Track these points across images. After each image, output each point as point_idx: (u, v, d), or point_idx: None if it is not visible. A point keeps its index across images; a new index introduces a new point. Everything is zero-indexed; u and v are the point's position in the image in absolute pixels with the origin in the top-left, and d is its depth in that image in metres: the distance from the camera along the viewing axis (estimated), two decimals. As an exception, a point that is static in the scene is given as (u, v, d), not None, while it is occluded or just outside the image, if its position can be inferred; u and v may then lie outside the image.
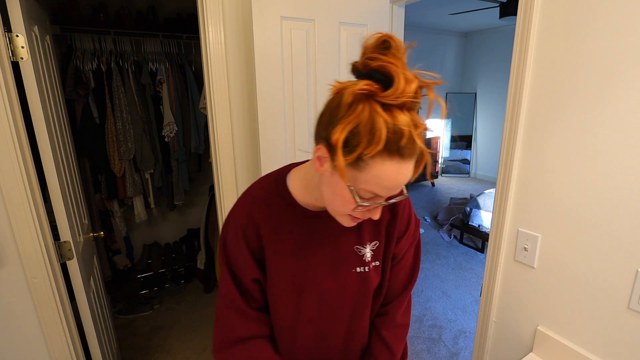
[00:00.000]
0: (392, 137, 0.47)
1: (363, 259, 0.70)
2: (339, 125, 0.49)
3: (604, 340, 0.87)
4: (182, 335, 2.28)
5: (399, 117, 0.47)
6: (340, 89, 0.52)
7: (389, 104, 0.47)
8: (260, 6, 1.17)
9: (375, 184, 0.51)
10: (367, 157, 0.48)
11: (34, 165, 1.07)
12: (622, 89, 0.76)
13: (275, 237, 0.66)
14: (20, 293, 1.09)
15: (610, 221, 0.82)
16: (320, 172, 0.57)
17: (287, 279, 0.68)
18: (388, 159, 0.48)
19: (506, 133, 1.00)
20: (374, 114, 0.47)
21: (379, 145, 0.47)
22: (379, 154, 0.48)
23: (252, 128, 1.40)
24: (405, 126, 0.47)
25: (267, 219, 0.66)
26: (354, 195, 0.53)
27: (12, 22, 1.00)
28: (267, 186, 0.70)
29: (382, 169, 0.49)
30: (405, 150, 0.48)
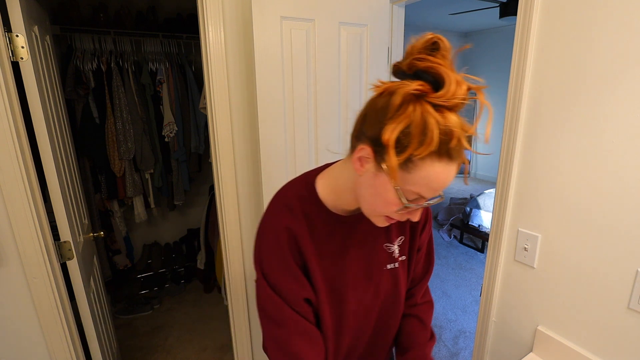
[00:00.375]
0: (443, 138, 0.47)
1: (392, 256, 0.72)
2: (389, 125, 0.48)
3: (604, 340, 0.87)
4: (182, 335, 2.28)
5: (450, 118, 0.47)
6: (388, 89, 0.51)
7: (441, 105, 0.47)
8: (260, 6, 1.17)
9: (423, 185, 0.50)
10: (417, 158, 0.48)
11: (34, 165, 1.07)
12: (622, 88, 0.76)
13: (315, 248, 0.65)
14: (20, 293, 1.09)
15: (610, 221, 0.82)
16: (360, 173, 0.56)
17: (328, 288, 0.67)
18: (437, 161, 0.48)
19: (506, 133, 1.00)
20: (426, 114, 0.46)
21: (431, 146, 0.46)
22: (429, 155, 0.47)
23: (252, 128, 1.40)
24: (456, 127, 0.47)
25: (306, 231, 0.64)
26: (401, 197, 0.52)
27: (12, 22, 1.00)
28: (301, 195, 0.67)
29: (432, 171, 0.49)
30: (454, 152, 0.48)
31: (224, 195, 1.43)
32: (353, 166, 0.57)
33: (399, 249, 0.72)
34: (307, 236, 0.64)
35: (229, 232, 1.47)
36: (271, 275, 0.63)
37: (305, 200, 0.66)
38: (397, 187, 0.51)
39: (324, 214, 0.66)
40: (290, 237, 0.63)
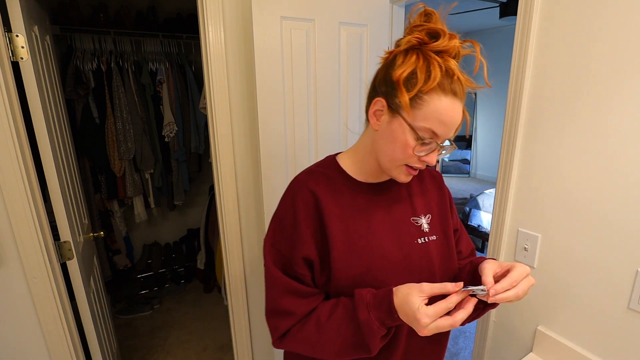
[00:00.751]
0: (445, 75, 0.56)
1: (422, 230, 0.71)
2: (398, 69, 0.57)
3: (604, 340, 0.87)
4: (182, 335, 2.28)
5: (450, 61, 0.56)
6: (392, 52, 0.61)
7: (440, 50, 0.56)
8: (260, 6, 1.17)
9: (433, 119, 0.56)
10: (424, 94, 0.56)
11: (34, 165, 1.07)
12: (624, 88, 0.76)
13: (338, 209, 0.66)
14: (20, 293, 1.09)
15: (610, 221, 0.82)
16: (377, 128, 0.63)
17: (354, 252, 0.65)
18: (443, 95, 0.56)
19: (506, 133, 1.00)
20: (429, 57, 0.56)
21: (435, 80, 0.54)
22: (434, 90, 0.55)
23: (252, 128, 1.40)
24: (455, 69, 0.56)
25: (327, 191, 0.67)
26: (415, 132, 0.57)
27: (12, 22, 1.00)
28: (322, 163, 0.73)
29: (440, 104, 0.56)
30: (456, 88, 0.56)
31: (224, 195, 1.43)
32: (370, 122, 0.64)
33: (429, 227, 0.72)
34: (328, 196, 0.66)
35: (229, 232, 1.47)
36: (276, 231, 0.67)
37: (327, 167, 0.72)
38: (410, 122, 0.57)
39: (346, 180, 0.70)
40: (307, 195, 0.66)
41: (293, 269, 0.65)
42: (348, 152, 0.74)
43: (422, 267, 0.69)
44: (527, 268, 0.59)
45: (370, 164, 0.69)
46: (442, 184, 0.80)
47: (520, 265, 0.59)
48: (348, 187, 0.69)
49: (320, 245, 0.65)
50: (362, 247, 0.65)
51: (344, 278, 0.64)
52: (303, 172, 0.72)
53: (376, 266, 0.65)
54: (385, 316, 0.58)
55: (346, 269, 0.64)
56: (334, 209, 0.65)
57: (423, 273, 0.69)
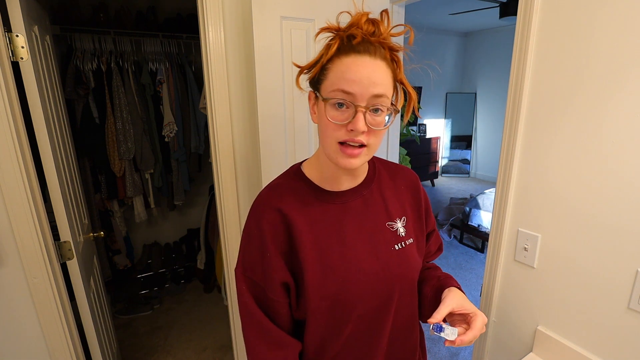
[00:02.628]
0: (345, 40, 0.56)
1: (398, 235, 0.68)
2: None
3: (604, 340, 0.87)
4: (182, 335, 2.28)
5: (353, 30, 0.56)
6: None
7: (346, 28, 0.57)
8: (260, 6, 1.17)
9: (338, 79, 0.55)
10: (327, 64, 0.57)
11: (34, 165, 1.07)
12: (623, 89, 0.76)
13: (307, 224, 0.62)
14: (20, 293, 1.09)
15: (610, 221, 0.82)
16: (315, 121, 0.63)
17: (328, 269, 0.61)
18: (345, 57, 0.56)
19: (506, 133, 1.00)
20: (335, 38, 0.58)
21: (333, 48, 0.56)
22: (336, 56, 0.56)
23: (252, 128, 1.40)
24: (357, 32, 0.55)
25: (294, 206, 0.63)
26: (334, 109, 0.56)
27: (12, 22, 1.00)
28: (285, 175, 0.70)
29: (341, 65, 0.56)
30: (360, 47, 0.55)
31: (224, 195, 1.43)
32: (311, 118, 0.63)
33: (405, 230, 0.70)
34: (295, 211, 0.63)
35: (229, 232, 1.47)
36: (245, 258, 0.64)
37: (291, 178, 0.69)
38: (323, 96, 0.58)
39: (313, 190, 0.66)
40: (274, 215, 0.62)
41: (268, 296, 0.62)
42: (312, 159, 0.70)
43: (401, 274, 0.66)
44: (485, 319, 0.61)
45: (327, 166, 0.65)
46: (418, 185, 0.77)
47: (480, 315, 0.61)
48: (316, 198, 0.65)
49: (292, 267, 0.62)
50: (336, 262, 0.62)
51: (319, 297, 0.61)
52: (266, 187, 0.68)
53: (352, 280, 0.62)
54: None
55: (321, 287, 0.61)
56: (303, 226, 0.62)
57: (403, 280, 0.67)
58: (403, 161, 4.24)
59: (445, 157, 6.47)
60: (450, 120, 6.35)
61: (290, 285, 0.62)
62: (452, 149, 6.44)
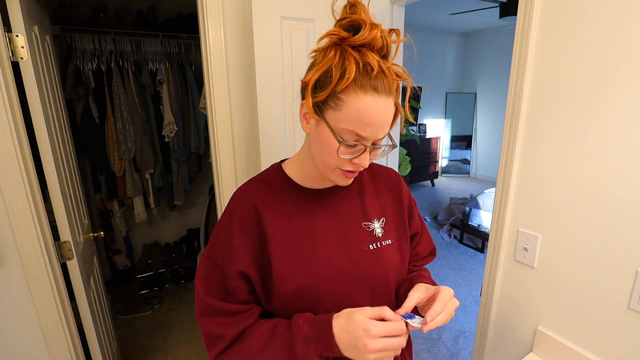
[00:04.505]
0: (362, 70, 0.52)
1: (374, 235, 0.68)
2: (313, 70, 0.55)
3: (604, 340, 0.87)
4: (182, 335, 2.28)
5: (370, 55, 0.52)
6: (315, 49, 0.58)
7: (359, 44, 0.53)
8: (260, 6, 1.17)
9: (355, 120, 0.53)
10: (340, 93, 0.53)
11: (34, 165, 1.07)
12: (623, 89, 0.76)
13: (281, 219, 0.63)
14: (20, 293, 1.09)
15: (610, 221, 0.82)
16: (307, 131, 0.61)
17: (298, 263, 0.62)
18: (362, 93, 0.52)
19: (506, 133, 1.00)
20: (345, 54, 0.53)
21: (350, 77, 0.51)
22: (352, 88, 0.52)
23: (252, 128, 1.40)
24: (375, 63, 0.52)
25: (268, 201, 0.64)
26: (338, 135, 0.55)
27: (12, 22, 1.00)
28: (268, 171, 0.71)
29: (359, 103, 0.52)
30: (377, 84, 0.52)
31: (224, 195, 1.43)
32: (302, 126, 0.61)
33: (382, 231, 0.69)
34: (269, 206, 0.64)
35: (229, 232, 1.46)
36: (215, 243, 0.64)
37: (271, 175, 0.69)
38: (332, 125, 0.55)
39: (290, 187, 0.67)
40: (247, 206, 0.63)
41: (228, 282, 0.62)
42: (294, 158, 0.70)
43: (373, 274, 0.66)
44: (451, 290, 0.60)
45: (312, 168, 0.65)
46: (400, 185, 0.76)
47: (445, 288, 0.60)
48: (292, 195, 0.66)
49: (259, 259, 0.62)
50: (306, 257, 0.62)
51: (287, 290, 0.61)
52: (247, 182, 0.70)
53: (322, 276, 0.62)
54: (324, 349, 0.55)
55: (289, 280, 0.61)
56: (276, 220, 0.63)
57: (376, 279, 0.67)
58: (403, 161, 4.24)
59: (445, 157, 6.48)
60: (450, 120, 6.35)
61: (251, 277, 0.62)
62: (452, 149, 6.44)
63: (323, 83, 0.54)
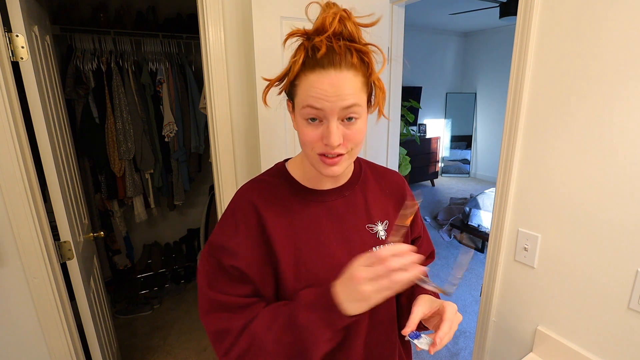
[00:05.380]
0: (311, 53, 0.54)
1: (378, 238, 0.68)
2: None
3: (604, 340, 0.87)
4: (182, 335, 2.28)
5: (315, 38, 0.54)
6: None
7: (312, 33, 0.56)
8: (260, 6, 1.17)
9: (306, 97, 0.55)
10: (295, 80, 0.57)
11: (34, 165, 1.07)
12: (624, 88, 0.76)
13: (283, 221, 0.62)
14: (20, 293, 1.09)
15: (610, 221, 0.82)
16: (296, 128, 0.62)
17: (301, 264, 0.62)
18: (310, 72, 0.55)
19: (506, 133, 1.00)
20: (300, 46, 0.57)
21: (298, 64, 0.55)
22: (302, 72, 0.55)
23: (252, 128, 1.40)
24: (322, 44, 0.53)
25: (271, 202, 0.64)
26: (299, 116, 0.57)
27: (12, 22, 1.00)
28: (271, 171, 0.71)
29: (307, 82, 0.55)
30: (324, 61, 0.54)
31: (224, 195, 1.42)
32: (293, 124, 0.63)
33: (386, 234, 0.69)
34: (271, 208, 0.63)
35: (229, 232, 1.46)
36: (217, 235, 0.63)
37: (274, 175, 0.69)
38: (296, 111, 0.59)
39: (294, 188, 0.67)
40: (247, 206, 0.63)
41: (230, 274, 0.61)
42: (296, 158, 0.70)
43: None
44: (455, 306, 0.60)
45: (311, 168, 0.65)
46: (405, 189, 0.76)
47: (449, 305, 0.60)
48: (296, 195, 0.66)
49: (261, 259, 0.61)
50: (309, 259, 0.62)
51: (290, 292, 0.61)
52: (249, 181, 0.69)
53: (324, 279, 0.60)
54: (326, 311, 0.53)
55: (292, 282, 0.61)
56: (278, 221, 0.62)
57: None
58: (403, 161, 4.24)
59: (445, 157, 6.48)
60: (450, 120, 6.35)
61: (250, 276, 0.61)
62: (452, 149, 6.44)
63: (284, 77, 0.60)
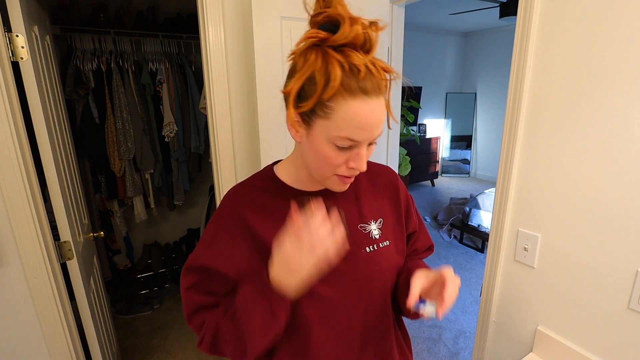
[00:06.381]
0: (350, 74, 0.48)
1: (370, 237, 0.67)
2: (293, 78, 0.51)
3: (604, 340, 0.87)
4: (182, 335, 2.28)
5: (354, 56, 0.49)
6: (294, 51, 0.54)
7: (340, 44, 0.49)
8: (260, 6, 1.17)
9: (347, 127, 0.51)
10: (328, 101, 0.49)
11: (34, 165, 1.07)
12: (622, 88, 0.76)
13: (270, 225, 0.61)
14: (20, 293, 1.09)
15: (610, 221, 0.82)
16: (298, 139, 0.58)
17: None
18: (351, 98, 0.49)
19: (506, 133, 1.00)
20: (327, 57, 0.49)
21: (336, 83, 0.48)
22: (340, 94, 0.49)
23: (252, 128, 1.40)
24: (361, 64, 0.48)
25: (258, 207, 0.62)
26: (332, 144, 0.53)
27: (12, 22, 1.00)
28: (259, 175, 0.69)
29: (349, 109, 0.49)
30: (367, 85, 0.49)
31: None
32: (291, 134, 0.58)
33: (380, 233, 0.68)
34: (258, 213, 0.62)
35: (229, 232, 1.46)
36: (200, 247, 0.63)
37: (262, 178, 0.67)
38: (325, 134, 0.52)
39: (283, 191, 0.65)
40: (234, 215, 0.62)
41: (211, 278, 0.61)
42: (286, 161, 0.68)
43: (370, 277, 0.65)
44: (451, 267, 0.60)
45: (305, 172, 0.64)
46: (397, 184, 0.74)
47: (446, 268, 0.59)
48: (285, 198, 0.63)
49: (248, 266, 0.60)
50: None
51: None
52: (235, 186, 0.67)
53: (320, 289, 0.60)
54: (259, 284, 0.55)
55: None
56: (265, 226, 0.61)
57: (372, 282, 0.65)
58: (403, 161, 4.24)
59: (445, 157, 6.48)
60: (450, 120, 6.35)
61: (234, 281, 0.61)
62: (452, 149, 6.44)
63: (307, 92, 0.51)
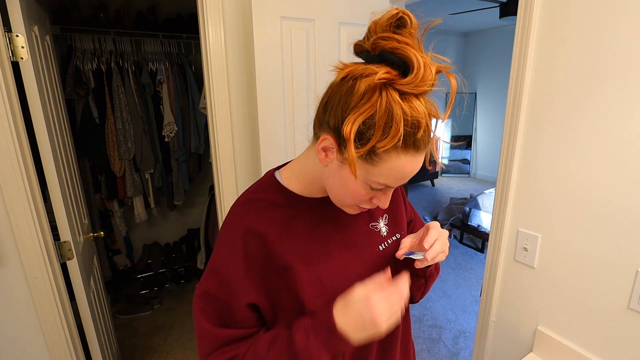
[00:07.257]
0: (410, 130, 0.45)
1: (381, 235, 0.67)
2: (351, 115, 0.45)
3: (604, 340, 0.87)
4: (182, 335, 2.28)
5: (418, 108, 0.45)
6: (351, 73, 0.48)
7: (408, 92, 0.44)
8: (260, 6, 1.17)
9: (389, 177, 0.49)
10: (381, 150, 0.46)
11: (34, 165, 1.07)
12: (623, 88, 0.76)
13: (287, 239, 0.58)
14: (20, 293, 1.09)
15: (610, 221, 0.82)
16: (325, 164, 0.54)
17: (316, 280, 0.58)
18: (403, 153, 0.46)
19: (506, 133, 1.00)
20: (392, 104, 0.44)
21: (396, 138, 0.44)
22: (394, 148, 0.45)
23: (252, 128, 1.40)
24: (422, 118, 0.45)
25: (272, 222, 0.58)
26: (367, 185, 0.51)
27: (12, 22, 1.00)
28: (260, 187, 0.63)
29: (398, 163, 0.47)
30: (421, 143, 0.47)
31: (224, 195, 1.42)
32: (318, 157, 0.54)
33: (387, 229, 0.68)
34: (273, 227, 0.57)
35: (229, 232, 1.46)
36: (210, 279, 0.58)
37: (266, 190, 0.62)
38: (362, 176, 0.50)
39: (291, 201, 0.61)
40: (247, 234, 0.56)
41: (235, 313, 0.56)
42: (292, 169, 0.63)
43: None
44: (437, 222, 0.61)
45: (316, 187, 0.61)
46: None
47: (432, 223, 0.60)
48: (295, 209, 0.60)
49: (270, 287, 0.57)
50: (322, 273, 0.58)
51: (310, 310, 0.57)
52: (239, 203, 0.61)
53: (340, 289, 0.57)
54: (327, 335, 0.50)
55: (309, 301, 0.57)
56: (283, 242, 0.57)
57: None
58: (403, 161, 4.24)
59: (445, 157, 6.47)
60: (450, 120, 6.35)
61: (261, 306, 0.58)
62: (452, 149, 6.44)
63: (363, 135, 0.46)
